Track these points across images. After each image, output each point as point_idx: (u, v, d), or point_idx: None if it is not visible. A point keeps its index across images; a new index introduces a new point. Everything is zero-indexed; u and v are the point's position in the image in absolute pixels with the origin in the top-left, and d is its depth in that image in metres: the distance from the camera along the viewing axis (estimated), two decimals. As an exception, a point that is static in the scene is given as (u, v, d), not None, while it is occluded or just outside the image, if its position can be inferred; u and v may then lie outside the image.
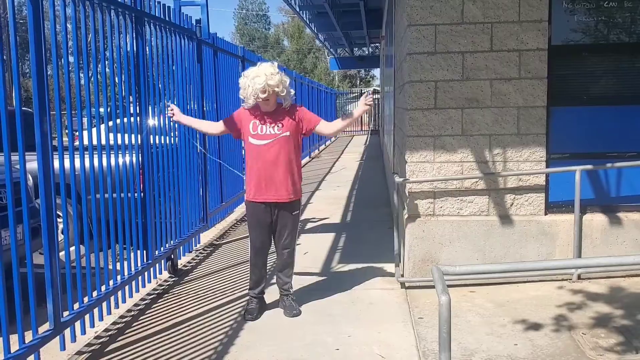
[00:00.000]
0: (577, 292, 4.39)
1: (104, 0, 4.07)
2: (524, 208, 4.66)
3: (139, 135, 4.72)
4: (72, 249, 3.80)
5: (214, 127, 4.64)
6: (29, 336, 3.26)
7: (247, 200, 4.27)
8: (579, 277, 4.63)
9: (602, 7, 4.60)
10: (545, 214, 4.69)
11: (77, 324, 3.72)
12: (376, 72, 47.96)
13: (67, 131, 3.76)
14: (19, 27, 3.00)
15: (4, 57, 3.06)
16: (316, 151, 19.77)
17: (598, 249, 4.64)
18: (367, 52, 34.72)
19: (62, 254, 3.73)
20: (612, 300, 4.20)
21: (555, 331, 3.73)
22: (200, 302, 4.57)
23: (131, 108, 4.65)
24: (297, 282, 4.96)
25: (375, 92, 38.13)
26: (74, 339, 3.68)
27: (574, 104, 4.69)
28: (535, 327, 3.81)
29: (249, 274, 4.36)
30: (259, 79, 3.95)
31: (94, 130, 4.15)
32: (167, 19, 5.28)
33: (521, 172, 4.61)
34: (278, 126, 4.08)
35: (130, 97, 4.64)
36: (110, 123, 4.36)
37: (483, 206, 4.68)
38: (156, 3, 5.05)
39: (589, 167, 4.57)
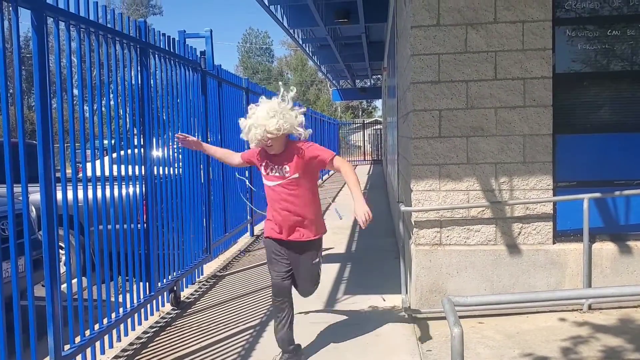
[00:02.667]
0: (587, 323, 4.29)
1: (109, 32, 4.10)
2: (531, 237, 4.60)
3: (142, 167, 4.70)
4: (74, 281, 3.75)
5: (235, 158, 4.35)
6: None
7: (264, 236, 4.08)
8: (589, 308, 4.54)
9: (606, 35, 4.61)
10: (554, 243, 4.62)
11: (79, 358, 3.64)
12: (378, 103, 48.30)
13: (70, 163, 3.74)
14: (26, 61, 2.99)
15: (10, 90, 3.06)
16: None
17: (608, 278, 4.56)
18: (369, 84, 35.02)
19: (64, 286, 3.67)
20: (623, 332, 4.10)
21: (568, 363, 3.63)
22: (204, 335, 4.49)
23: (135, 140, 4.65)
24: (304, 313, 4.88)
25: (376, 122, 38.32)
26: (75, 373, 3.59)
27: (580, 132, 4.66)
28: (546, 359, 3.71)
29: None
30: (257, 131, 3.66)
31: (98, 162, 4.13)
32: (171, 50, 5.31)
33: (528, 200, 4.56)
34: (286, 168, 3.79)
35: (135, 129, 4.64)
36: (115, 155, 4.34)
37: (490, 235, 4.62)
38: (161, 35, 5.09)
39: (597, 195, 4.52)
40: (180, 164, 5.60)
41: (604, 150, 4.65)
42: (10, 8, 3.14)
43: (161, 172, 5.06)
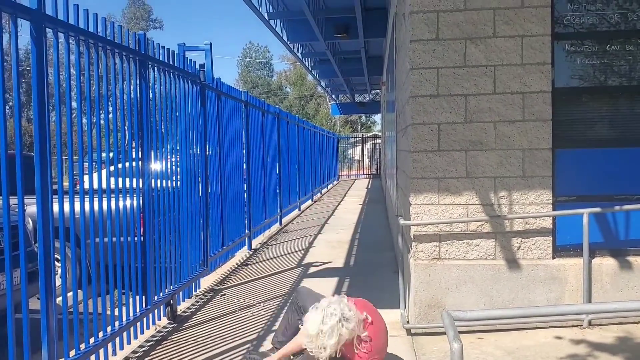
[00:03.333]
0: (587, 340, 4.25)
1: (108, 44, 4.10)
2: (531, 252, 4.57)
3: (140, 179, 4.68)
4: (70, 294, 3.71)
5: None
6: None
7: None
8: (589, 323, 4.50)
9: (605, 50, 4.62)
10: (553, 258, 4.59)
11: (73, 373, 3.60)
12: (377, 117, 48.43)
13: (67, 175, 3.72)
14: (25, 74, 2.98)
15: (9, 102, 3.04)
16: (318, 194, 19.73)
17: (608, 294, 4.52)
18: (367, 98, 35.17)
19: (59, 299, 3.63)
20: (623, 349, 4.06)
21: (568, 380, 3.59)
22: (201, 349, 4.44)
23: (133, 153, 4.63)
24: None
25: (375, 137, 38.40)
26: (69, 388, 3.54)
27: (579, 146, 4.65)
28: (547, 375, 3.67)
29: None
30: (323, 353, 3.47)
31: (95, 174, 4.11)
32: (171, 63, 5.31)
33: (527, 215, 4.54)
34: None
35: (133, 142, 4.63)
36: (112, 168, 4.33)
37: (489, 250, 4.59)
38: (160, 47, 5.09)
39: (597, 209, 4.50)
40: (179, 177, 5.58)
41: (603, 165, 4.64)
42: (10, 19, 3.13)
43: (159, 185, 5.04)
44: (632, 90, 4.64)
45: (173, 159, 5.43)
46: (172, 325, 5.08)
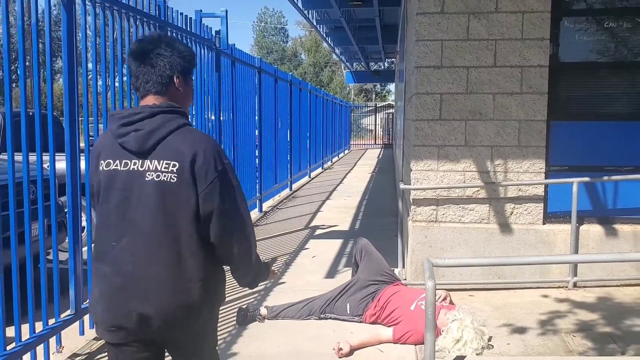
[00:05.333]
0: (569, 299, 4.57)
1: (131, 10, 4.38)
2: (523, 217, 4.86)
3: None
4: (90, 246, 4.07)
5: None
6: (52, 321, 3.53)
7: None
8: (574, 285, 4.81)
9: (602, 27, 4.82)
10: (544, 224, 4.88)
11: (96, 312, 3.97)
12: (391, 86, 48.31)
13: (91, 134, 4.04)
14: (41, 35, 3.22)
15: (38, 61, 3.34)
16: (329, 162, 20.03)
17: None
18: (382, 67, 35.04)
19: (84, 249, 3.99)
20: (604, 308, 4.37)
21: (546, 333, 3.92)
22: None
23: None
24: (305, 282, 5.20)
25: (389, 106, 38.35)
26: (92, 325, 3.93)
27: (573, 119, 4.89)
28: (528, 329, 4.00)
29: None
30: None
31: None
32: (188, 29, 5.58)
33: (521, 182, 4.81)
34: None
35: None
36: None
37: (484, 214, 4.89)
38: (179, 14, 5.35)
39: (586, 179, 4.77)
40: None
41: (595, 137, 4.88)
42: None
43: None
44: (625, 67, 4.86)
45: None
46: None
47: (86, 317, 3.83)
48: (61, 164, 3.70)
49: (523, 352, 3.64)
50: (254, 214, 8.99)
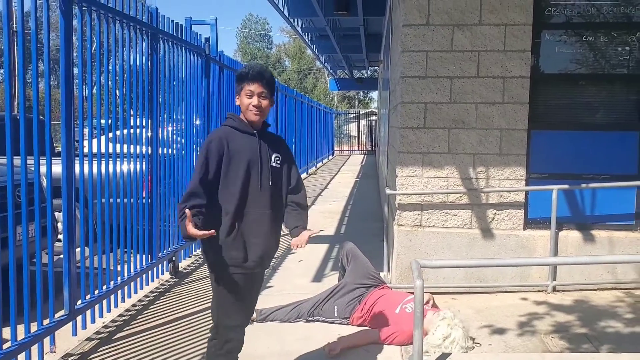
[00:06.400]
0: (548, 302, 4.74)
1: (124, 18, 4.47)
2: (504, 223, 5.03)
3: (149, 145, 5.08)
4: (86, 248, 4.14)
5: None
6: (46, 321, 3.59)
7: None
8: (553, 289, 4.98)
9: (581, 40, 5.02)
10: (524, 229, 5.05)
11: (88, 313, 4.05)
12: (374, 94, 48.65)
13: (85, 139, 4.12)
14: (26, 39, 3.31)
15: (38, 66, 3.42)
16: (313, 168, 20.15)
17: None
18: (366, 75, 35.28)
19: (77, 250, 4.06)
20: (581, 310, 4.55)
21: (526, 334, 4.07)
22: (200, 300, 4.90)
23: (143, 120, 5.02)
24: (292, 286, 5.30)
25: (372, 113, 38.63)
26: (84, 326, 4.00)
27: (553, 128, 5.08)
28: (509, 330, 4.15)
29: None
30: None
31: (110, 139, 4.51)
32: (179, 36, 5.68)
33: (502, 189, 4.98)
34: None
35: (143, 109, 5.01)
36: (124, 132, 4.72)
37: (466, 219, 5.04)
38: (170, 21, 5.45)
39: (565, 186, 4.95)
40: (183, 144, 5.98)
41: (574, 146, 5.07)
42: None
43: (165, 152, 5.44)
44: (603, 79, 5.06)
45: (179, 127, 5.83)
46: (174, 280, 5.54)
47: (79, 318, 3.90)
48: (57, 168, 3.78)
49: (504, 351, 3.78)
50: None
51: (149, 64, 5.02)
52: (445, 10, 4.92)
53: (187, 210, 2.63)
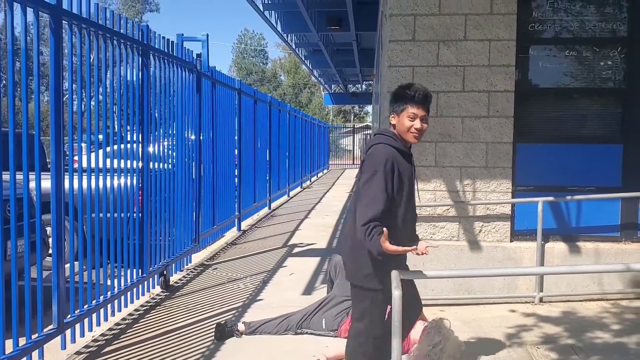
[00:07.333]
0: (535, 314, 4.78)
1: (115, 35, 4.54)
2: (491, 235, 5.08)
3: (139, 160, 5.13)
4: (76, 263, 4.18)
5: None
6: (35, 335, 3.62)
7: None
8: (540, 300, 5.03)
9: (564, 55, 5.12)
10: (511, 241, 5.11)
11: (78, 327, 4.07)
12: (369, 108, 48.88)
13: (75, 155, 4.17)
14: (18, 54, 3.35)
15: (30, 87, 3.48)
16: (308, 182, 20.21)
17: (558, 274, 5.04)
18: (360, 89, 35.52)
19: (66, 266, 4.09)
20: (568, 321, 4.59)
21: (513, 345, 4.11)
22: (190, 314, 4.92)
23: (134, 135, 5.08)
24: (282, 299, 5.33)
25: (367, 127, 38.72)
26: (73, 340, 4.02)
27: (538, 141, 5.15)
28: (496, 341, 4.18)
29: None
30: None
31: (100, 154, 4.56)
32: (170, 52, 5.75)
33: (489, 201, 5.04)
34: None
35: (134, 125, 5.07)
36: (115, 147, 4.78)
37: (454, 232, 5.10)
38: (161, 38, 5.52)
39: (551, 199, 5.02)
40: (174, 159, 6.04)
41: (559, 159, 5.14)
42: (33, 13, 3.56)
43: (156, 166, 5.49)
44: (587, 93, 5.15)
45: (169, 143, 5.89)
46: (165, 294, 5.56)
47: (68, 332, 3.92)
48: (46, 183, 3.82)
49: (490, 363, 3.82)
50: (233, 233, 9.12)
51: (140, 80, 5.08)
52: (430, 26, 5.02)
53: (384, 230, 2.62)
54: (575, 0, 5.07)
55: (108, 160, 4.60)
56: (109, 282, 4.65)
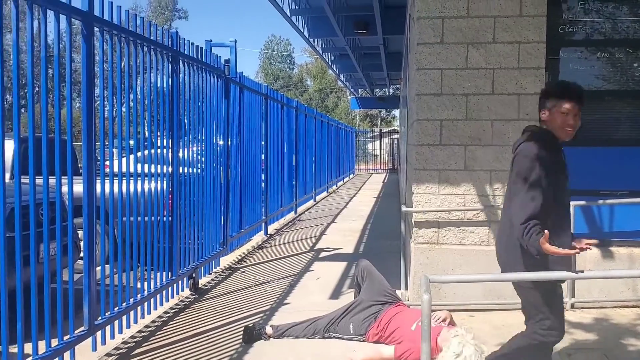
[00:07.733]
0: (569, 320, 4.66)
1: (145, 41, 4.61)
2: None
3: (170, 165, 5.20)
4: (107, 266, 4.24)
5: None
6: (67, 337, 3.68)
7: None
8: (572, 306, 4.92)
9: (595, 57, 5.03)
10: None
11: (108, 329, 4.13)
12: (396, 112, 48.72)
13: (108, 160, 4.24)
14: (50, 61, 3.43)
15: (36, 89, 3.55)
16: (334, 187, 20.21)
17: (591, 279, 4.93)
18: (387, 93, 35.42)
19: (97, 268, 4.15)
20: (600, 328, 4.49)
21: (544, 351, 4.02)
22: (219, 317, 4.95)
23: (165, 140, 5.14)
24: (309, 303, 5.33)
25: (394, 131, 38.60)
26: (104, 341, 4.08)
27: (569, 144, 4.99)
28: (526, 347, 4.11)
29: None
30: None
31: (132, 159, 4.63)
32: (199, 58, 5.82)
33: (519, 205, 4.95)
34: None
35: (164, 130, 5.14)
36: (145, 152, 4.84)
37: (484, 236, 5.03)
38: (190, 44, 5.59)
39: (582, 202, 4.92)
40: (203, 164, 6.10)
41: (591, 162, 5.04)
42: (65, 19, 3.64)
43: (185, 171, 5.56)
44: (619, 95, 5.05)
45: (198, 148, 5.95)
46: (194, 296, 5.61)
47: (98, 333, 3.98)
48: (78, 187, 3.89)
49: (520, 369, 3.75)
50: (260, 237, 9.16)
51: (170, 86, 5.15)
52: (459, 28, 4.98)
53: (546, 232, 2.60)
54: (607, 1, 4.98)
55: (139, 165, 4.66)
56: (139, 285, 4.71)
